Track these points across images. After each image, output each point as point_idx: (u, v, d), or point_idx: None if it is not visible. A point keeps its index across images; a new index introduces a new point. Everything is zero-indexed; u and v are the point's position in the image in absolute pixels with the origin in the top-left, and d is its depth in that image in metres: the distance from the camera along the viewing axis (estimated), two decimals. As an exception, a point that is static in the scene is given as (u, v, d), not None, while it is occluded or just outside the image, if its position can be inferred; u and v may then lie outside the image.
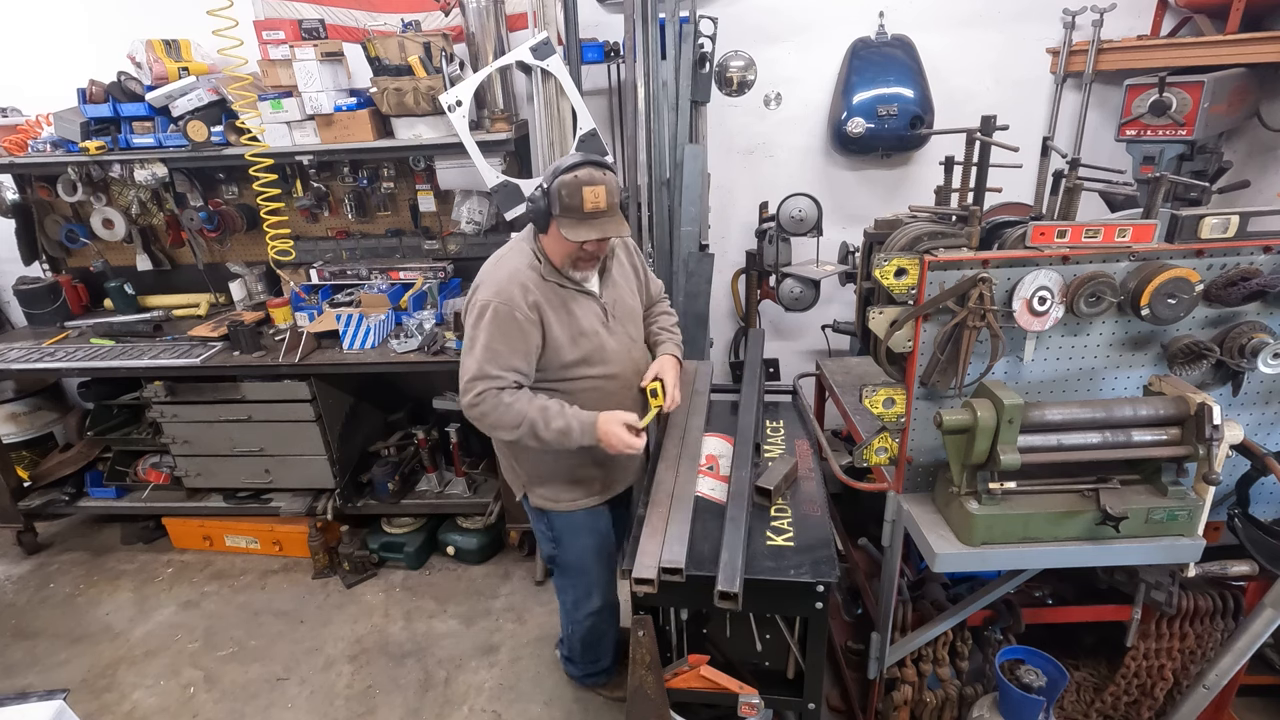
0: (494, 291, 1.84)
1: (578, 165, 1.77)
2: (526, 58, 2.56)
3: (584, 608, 2.27)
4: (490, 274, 1.92)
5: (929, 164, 3.12)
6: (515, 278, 1.86)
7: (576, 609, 2.28)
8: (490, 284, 1.87)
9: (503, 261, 1.93)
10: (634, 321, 2.10)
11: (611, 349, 1.99)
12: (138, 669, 2.79)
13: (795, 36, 3.05)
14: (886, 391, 1.71)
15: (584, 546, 2.17)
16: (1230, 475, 1.72)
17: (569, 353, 1.93)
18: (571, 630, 2.37)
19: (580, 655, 2.43)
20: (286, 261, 3.24)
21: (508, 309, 1.82)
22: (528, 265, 1.90)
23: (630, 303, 2.09)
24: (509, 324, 1.83)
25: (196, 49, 3.10)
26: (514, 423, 1.84)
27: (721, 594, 1.56)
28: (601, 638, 2.38)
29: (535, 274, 1.89)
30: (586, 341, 1.94)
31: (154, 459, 3.46)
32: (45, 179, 3.31)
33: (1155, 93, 2.43)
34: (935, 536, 1.64)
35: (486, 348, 1.83)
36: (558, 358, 1.92)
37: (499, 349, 1.83)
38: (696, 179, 2.81)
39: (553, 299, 1.89)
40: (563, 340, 1.91)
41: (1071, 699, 2.18)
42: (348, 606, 3.06)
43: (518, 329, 1.84)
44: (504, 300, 1.83)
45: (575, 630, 2.34)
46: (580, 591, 2.25)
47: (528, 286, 1.85)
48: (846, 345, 3.37)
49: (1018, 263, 1.56)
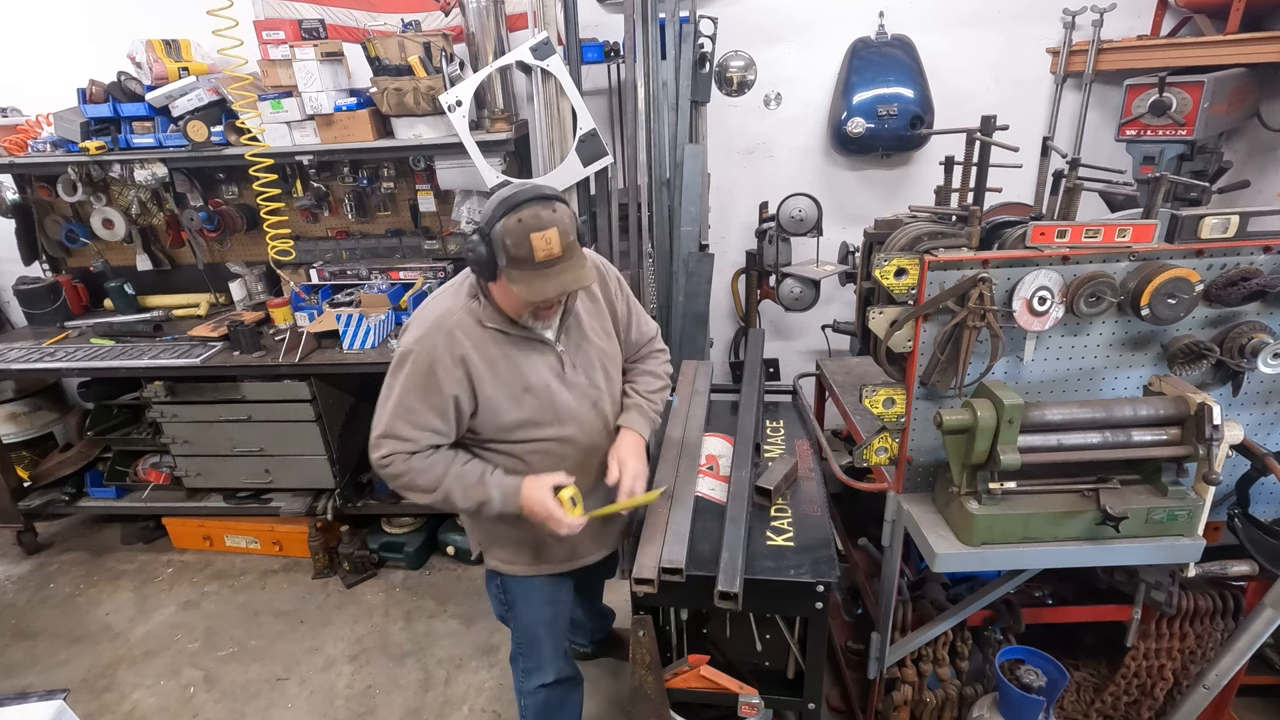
0: (415, 337, 1.59)
1: (519, 205, 1.45)
2: (526, 58, 2.57)
3: (535, 679, 1.98)
4: (420, 313, 1.65)
5: (929, 164, 3.12)
6: (443, 323, 1.58)
7: (527, 679, 1.99)
8: (416, 326, 1.62)
9: (435, 299, 1.66)
10: (603, 369, 1.77)
11: (567, 407, 1.69)
12: (138, 669, 2.79)
13: (795, 36, 3.05)
14: (886, 391, 1.71)
15: (536, 616, 1.92)
16: (1230, 475, 1.72)
17: (509, 413, 1.64)
18: (524, 705, 2.04)
19: None
20: (286, 261, 3.24)
21: (426, 360, 1.56)
22: (463, 307, 1.60)
23: (600, 346, 1.76)
24: (426, 378, 1.57)
25: (196, 49, 3.10)
26: (427, 487, 1.62)
27: (721, 594, 1.56)
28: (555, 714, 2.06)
29: (471, 318, 1.60)
30: (532, 399, 1.64)
31: (154, 459, 3.46)
32: (45, 179, 3.31)
33: (1155, 93, 2.43)
34: (935, 536, 1.64)
35: (400, 404, 1.59)
36: (494, 419, 1.64)
37: (414, 406, 1.59)
38: (696, 179, 2.81)
39: (490, 350, 1.60)
40: (499, 399, 1.62)
41: (1071, 699, 2.18)
42: (348, 606, 3.06)
43: (435, 386, 1.57)
44: (424, 349, 1.57)
45: (527, 705, 2.03)
46: (530, 662, 1.98)
47: (455, 335, 1.57)
48: (846, 345, 3.37)
49: (1018, 263, 1.56)
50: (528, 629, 1.95)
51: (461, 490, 1.62)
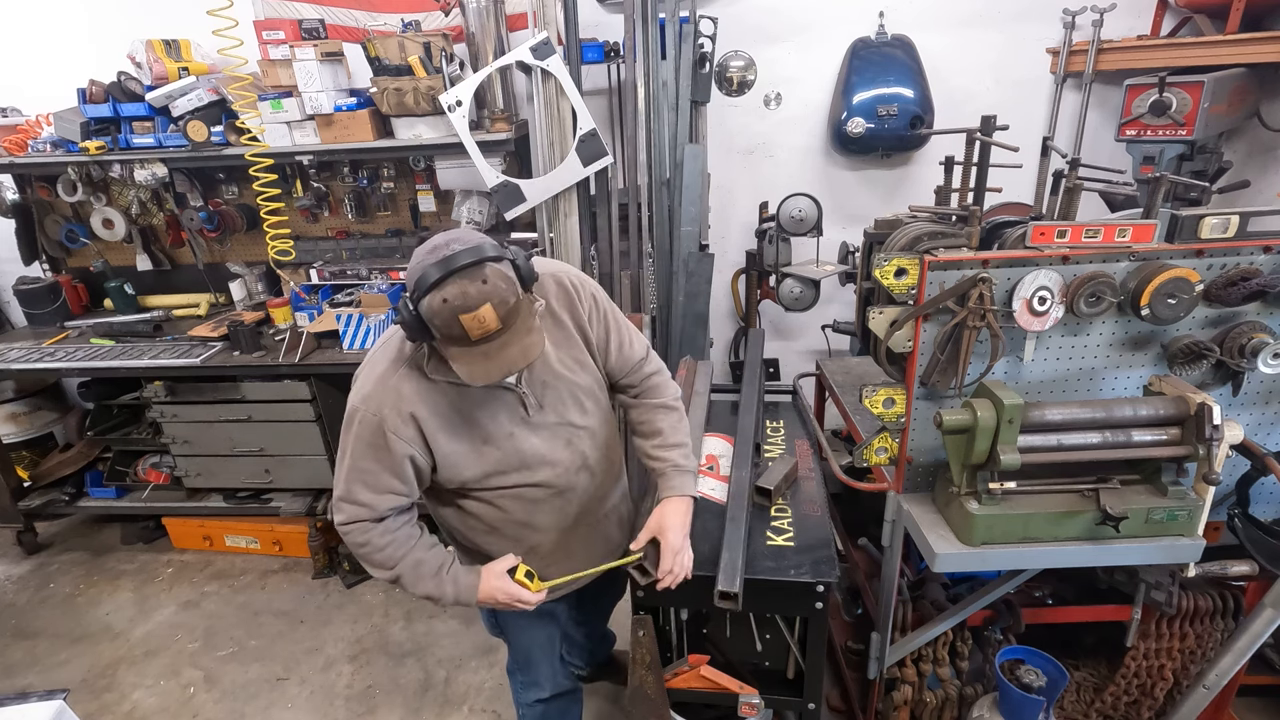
0: (362, 395, 1.45)
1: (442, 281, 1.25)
2: (526, 58, 2.56)
3: (532, 693, 1.95)
4: (368, 364, 1.50)
5: (929, 164, 3.12)
6: (386, 380, 1.44)
7: (525, 692, 1.97)
8: (362, 380, 1.48)
9: (383, 350, 1.50)
10: (576, 403, 1.60)
11: (534, 452, 1.55)
12: (138, 669, 2.79)
13: (795, 36, 3.05)
14: (886, 391, 1.71)
15: (529, 638, 1.88)
16: (1230, 475, 1.72)
17: (471, 467, 1.52)
18: (522, 715, 2.02)
19: None
20: (286, 261, 3.24)
21: (374, 421, 1.43)
22: (406, 359, 1.45)
23: (570, 379, 1.57)
24: (375, 437, 1.43)
25: (196, 49, 3.10)
26: (382, 564, 1.53)
27: (721, 594, 1.56)
28: None
29: (415, 373, 1.44)
30: (494, 450, 1.52)
31: (154, 459, 3.46)
32: (45, 179, 3.31)
33: (1155, 93, 2.43)
34: (935, 536, 1.64)
35: (354, 466, 1.47)
36: (456, 474, 1.52)
37: (367, 467, 1.46)
38: (696, 179, 2.81)
39: (441, 402, 1.45)
40: (457, 454, 1.50)
41: (1071, 699, 2.18)
42: (348, 606, 3.06)
43: (385, 447, 1.44)
44: (371, 408, 1.43)
45: (526, 716, 2.01)
46: (526, 677, 1.95)
47: (401, 394, 1.43)
48: (846, 345, 3.37)
49: (1018, 263, 1.56)
50: (523, 649, 1.92)
51: (414, 578, 1.54)
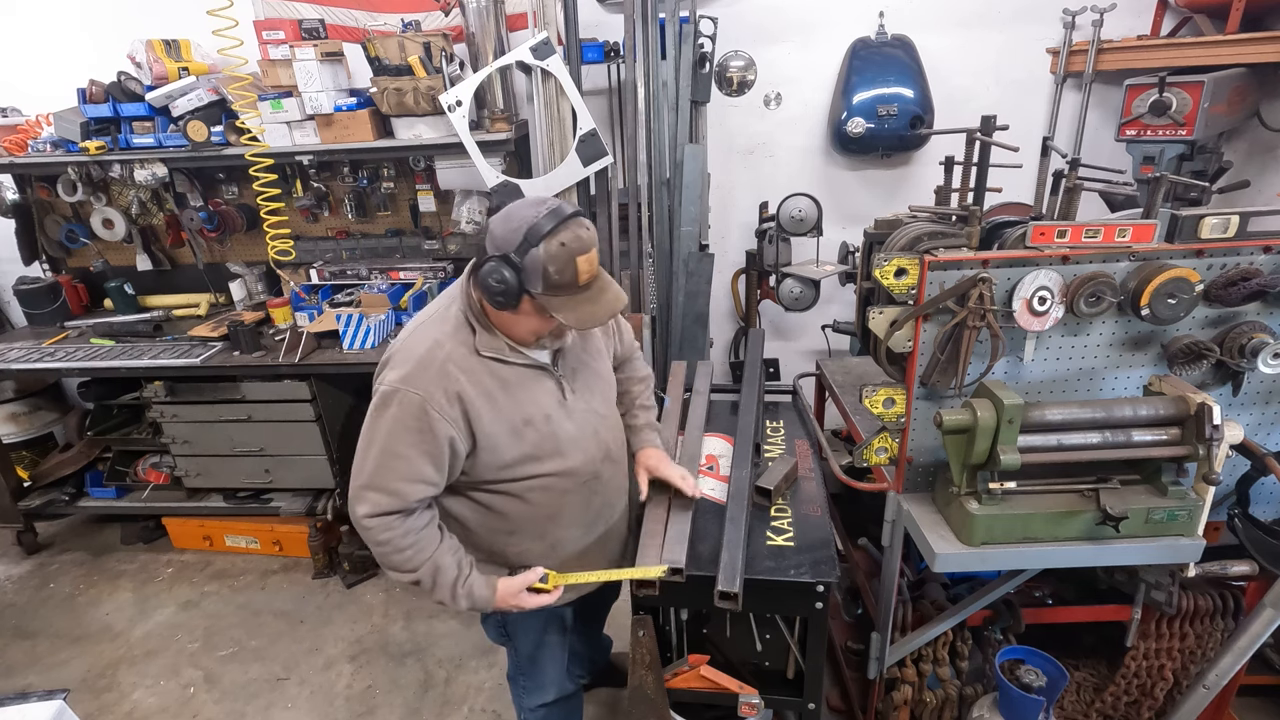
0: (402, 375, 1.42)
1: (558, 228, 1.34)
2: (526, 58, 2.56)
3: (535, 698, 1.92)
4: (404, 347, 1.47)
5: (929, 164, 3.12)
6: (434, 357, 1.43)
7: (528, 696, 1.93)
8: (401, 362, 1.44)
9: (420, 332, 1.49)
10: (602, 392, 1.68)
11: (568, 436, 1.57)
12: (138, 669, 2.79)
13: (795, 36, 3.05)
14: (886, 391, 1.71)
15: (537, 643, 1.86)
16: (1230, 475, 1.72)
17: (509, 449, 1.50)
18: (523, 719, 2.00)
19: None
20: (286, 261, 3.24)
21: (417, 401, 1.40)
22: (452, 337, 1.46)
23: (596, 367, 1.66)
24: (417, 420, 1.41)
25: (196, 49, 3.10)
26: (402, 567, 1.49)
27: (721, 594, 1.56)
28: None
29: (464, 348, 1.46)
30: (533, 432, 1.52)
31: (154, 459, 3.46)
32: (45, 179, 3.31)
33: (1155, 93, 2.43)
34: (935, 536, 1.64)
35: (386, 451, 1.42)
36: (495, 458, 1.50)
37: (402, 453, 1.42)
38: (696, 179, 2.81)
39: (487, 381, 1.46)
40: (499, 435, 1.48)
41: (1071, 699, 2.18)
42: (348, 606, 3.06)
43: (428, 429, 1.41)
44: (414, 389, 1.41)
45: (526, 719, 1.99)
46: (531, 682, 1.91)
47: (448, 370, 1.43)
48: (846, 345, 3.37)
49: (1018, 263, 1.56)
50: (530, 654, 1.88)
51: (432, 585, 1.51)
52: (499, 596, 1.55)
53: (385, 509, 1.45)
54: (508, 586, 1.55)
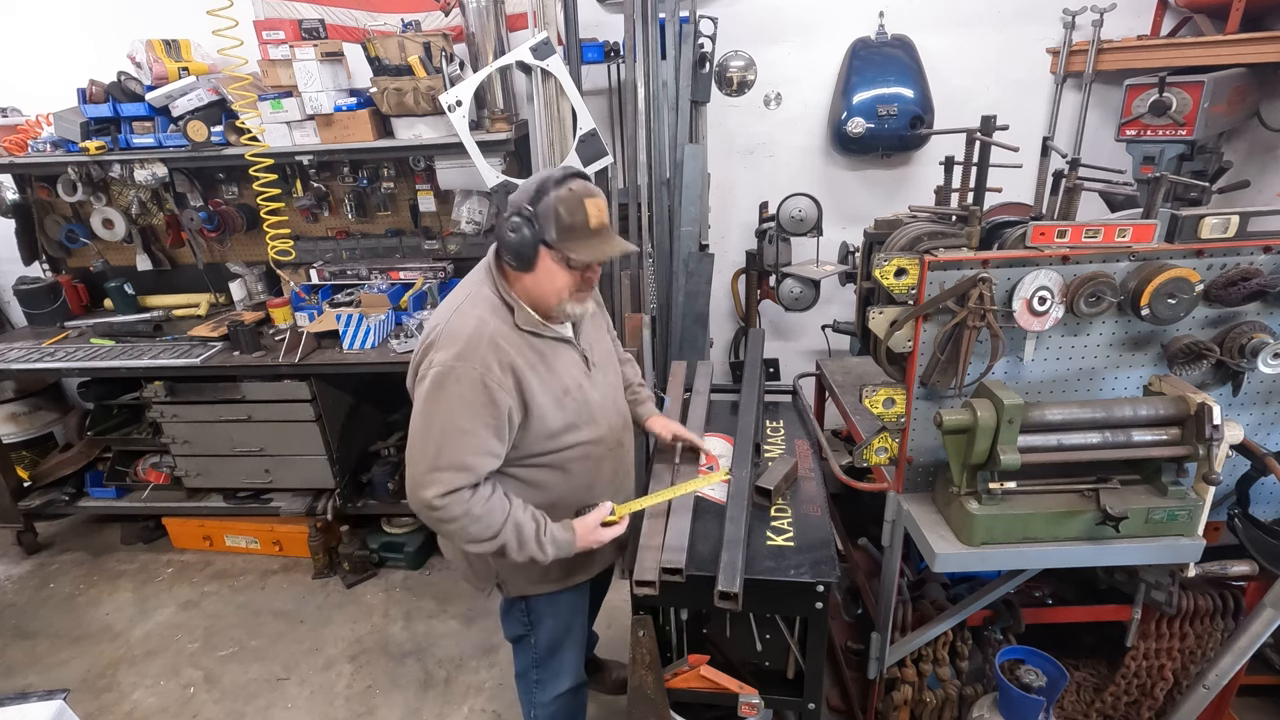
0: (455, 353, 1.45)
1: (565, 178, 1.47)
2: (526, 58, 2.56)
3: (550, 690, 1.94)
4: (448, 329, 1.51)
5: (929, 164, 3.12)
6: (481, 333, 1.48)
7: (541, 691, 1.94)
8: (450, 342, 1.48)
9: (463, 312, 1.53)
10: (613, 368, 1.82)
11: (596, 404, 1.68)
12: (138, 669, 2.79)
13: (795, 36, 3.05)
14: (886, 391, 1.71)
15: (561, 628, 1.89)
16: (1230, 475, 1.72)
17: (555, 418, 1.58)
18: (535, 716, 2.00)
19: None
20: (286, 261, 3.24)
21: (476, 375, 1.44)
22: (493, 314, 1.52)
23: (605, 346, 1.80)
24: (479, 393, 1.45)
25: (196, 49, 3.10)
26: (480, 536, 1.52)
27: (721, 594, 1.56)
28: None
29: (506, 325, 1.52)
30: (571, 401, 1.61)
31: (154, 459, 3.46)
32: (45, 179, 3.31)
33: (1155, 93, 2.43)
34: (935, 536, 1.64)
35: (450, 428, 1.45)
36: (544, 427, 1.57)
37: (467, 428, 1.45)
38: (696, 179, 2.81)
39: (529, 355, 1.54)
40: (547, 405, 1.56)
41: (1071, 699, 2.18)
42: (348, 606, 3.06)
43: (490, 400, 1.46)
44: (470, 364, 1.45)
45: (539, 716, 1.99)
46: (548, 673, 1.94)
47: (499, 344, 1.48)
48: (846, 345, 3.37)
49: (1018, 263, 1.56)
50: (551, 643, 1.90)
51: (517, 544, 1.54)
52: (579, 536, 1.60)
53: (457, 485, 1.47)
54: (584, 525, 1.61)
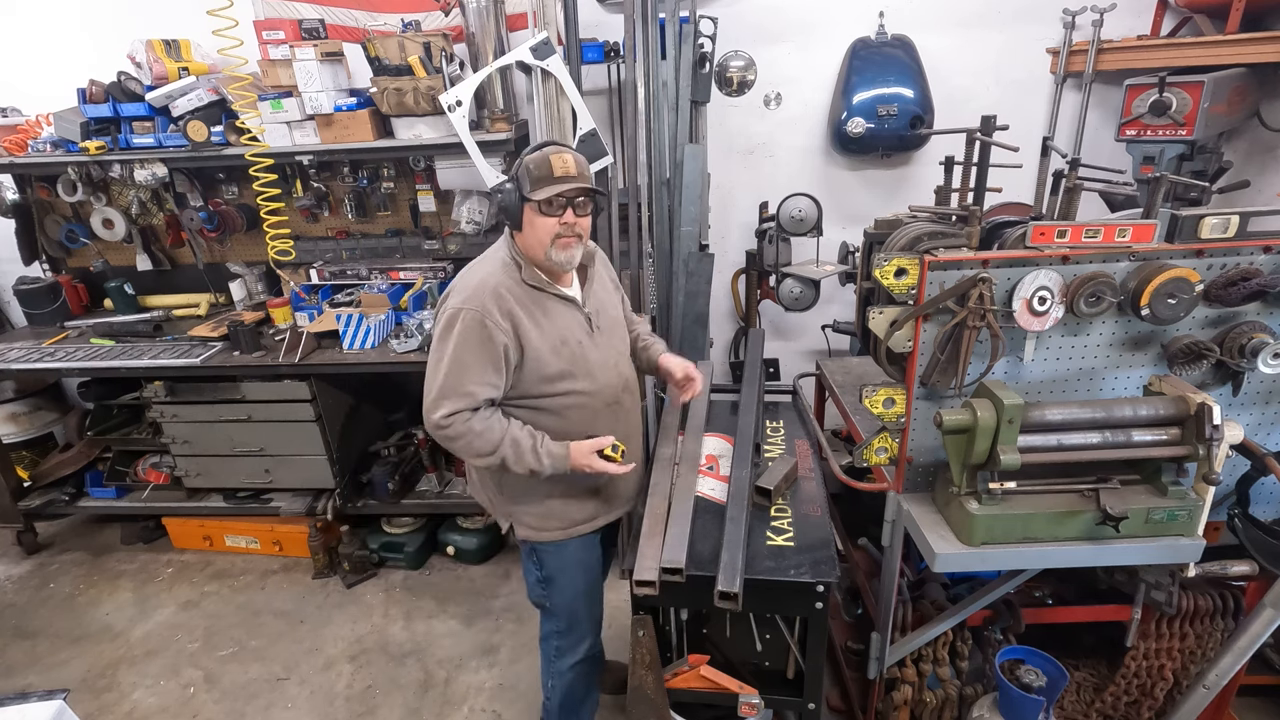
0: (463, 299, 1.72)
1: (543, 145, 1.74)
2: (526, 58, 2.56)
3: (568, 658, 2.06)
4: (461, 281, 1.79)
5: (929, 164, 3.12)
6: (487, 283, 1.73)
7: (560, 659, 2.07)
8: (460, 291, 1.75)
9: (474, 268, 1.82)
10: (620, 334, 1.99)
11: (595, 361, 1.85)
12: (138, 669, 2.79)
13: (795, 36, 3.05)
14: (886, 391, 1.71)
15: (576, 588, 2.00)
16: (1230, 475, 1.72)
17: (551, 364, 1.78)
18: (551, 684, 2.12)
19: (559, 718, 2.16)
20: (286, 261, 3.24)
21: (477, 316, 1.69)
22: (502, 269, 1.77)
23: (614, 314, 1.99)
24: (478, 332, 1.69)
25: (196, 49, 3.10)
26: (483, 451, 1.73)
27: (721, 594, 1.56)
28: (583, 700, 2.16)
29: (511, 278, 1.76)
30: (568, 351, 1.80)
31: (154, 459, 3.46)
32: (45, 179, 3.31)
33: (1155, 93, 2.43)
34: (935, 536, 1.64)
35: (455, 361, 1.70)
36: (538, 369, 1.78)
37: (469, 361, 1.70)
38: (696, 179, 2.81)
39: (528, 304, 1.76)
40: (542, 349, 1.76)
41: (1071, 699, 2.18)
42: (348, 606, 3.06)
43: (488, 338, 1.70)
44: (473, 307, 1.69)
45: (556, 686, 2.10)
46: (566, 640, 2.05)
47: (500, 293, 1.72)
48: (846, 345, 3.37)
49: (1018, 263, 1.56)
50: (568, 604, 2.01)
51: (515, 456, 1.73)
52: (573, 455, 1.75)
53: (460, 408, 1.70)
54: (579, 447, 1.76)
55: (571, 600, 2.01)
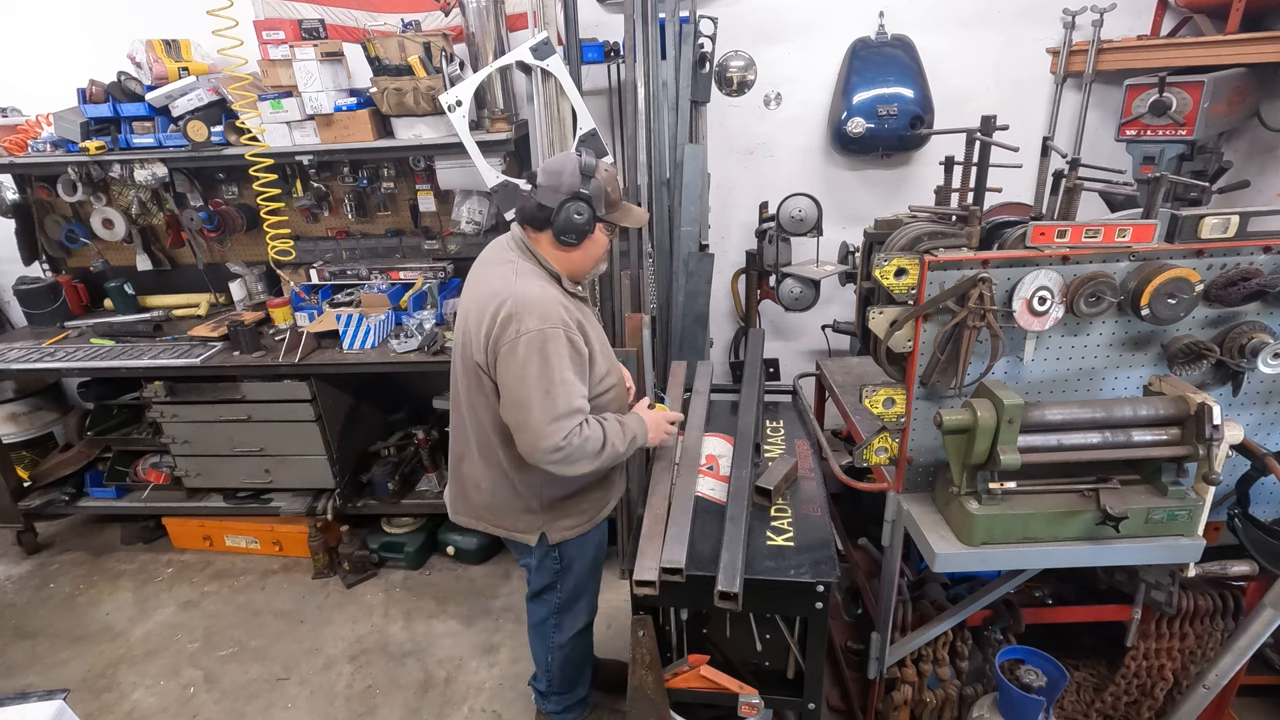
0: (540, 317, 1.68)
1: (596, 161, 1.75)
2: (526, 58, 2.56)
3: (568, 630, 2.13)
4: (522, 301, 1.70)
5: (929, 164, 3.12)
6: (550, 299, 1.72)
7: (559, 633, 2.13)
8: (528, 312, 1.68)
9: (524, 286, 1.73)
10: None
11: (614, 357, 1.99)
12: (138, 669, 2.79)
13: (795, 36, 3.05)
14: (886, 391, 1.71)
15: (587, 566, 2.07)
16: (1230, 475, 1.72)
17: (601, 364, 1.86)
18: (551, 659, 2.19)
19: (560, 686, 2.24)
20: (286, 261, 3.24)
21: (563, 334, 1.69)
22: (549, 282, 1.78)
23: None
24: (569, 348, 1.70)
25: (196, 49, 3.10)
26: (595, 450, 1.74)
27: (721, 594, 1.56)
28: (582, 665, 2.26)
29: (557, 290, 1.78)
30: (608, 350, 1.92)
31: (154, 459, 3.46)
32: (45, 179, 3.31)
33: (1155, 93, 2.43)
34: (935, 536, 1.64)
35: (561, 382, 1.68)
36: (597, 371, 1.84)
37: (570, 379, 1.70)
38: (696, 179, 2.81)
39: (577, 312, 1.80)
40: (598, 352, 1.84)
41: (1071, 699, 2.18)
42: (348, 606, 3.06)
43: (577, 351, 1.72)
44: (556, 324, 1.69)
45: (554, 658, 2.18)
46: (570, 616, 2.12)
47: (565, 304, 1.75)
48: (846, 345, 3.37)
49: (1018, 263, 1.56)
50: (578, 584, 2.07)
51: (622, 437, 1.80)
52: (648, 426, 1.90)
53: (574, 425, 1.72)
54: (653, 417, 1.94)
55: (582, 579, 2.08)
